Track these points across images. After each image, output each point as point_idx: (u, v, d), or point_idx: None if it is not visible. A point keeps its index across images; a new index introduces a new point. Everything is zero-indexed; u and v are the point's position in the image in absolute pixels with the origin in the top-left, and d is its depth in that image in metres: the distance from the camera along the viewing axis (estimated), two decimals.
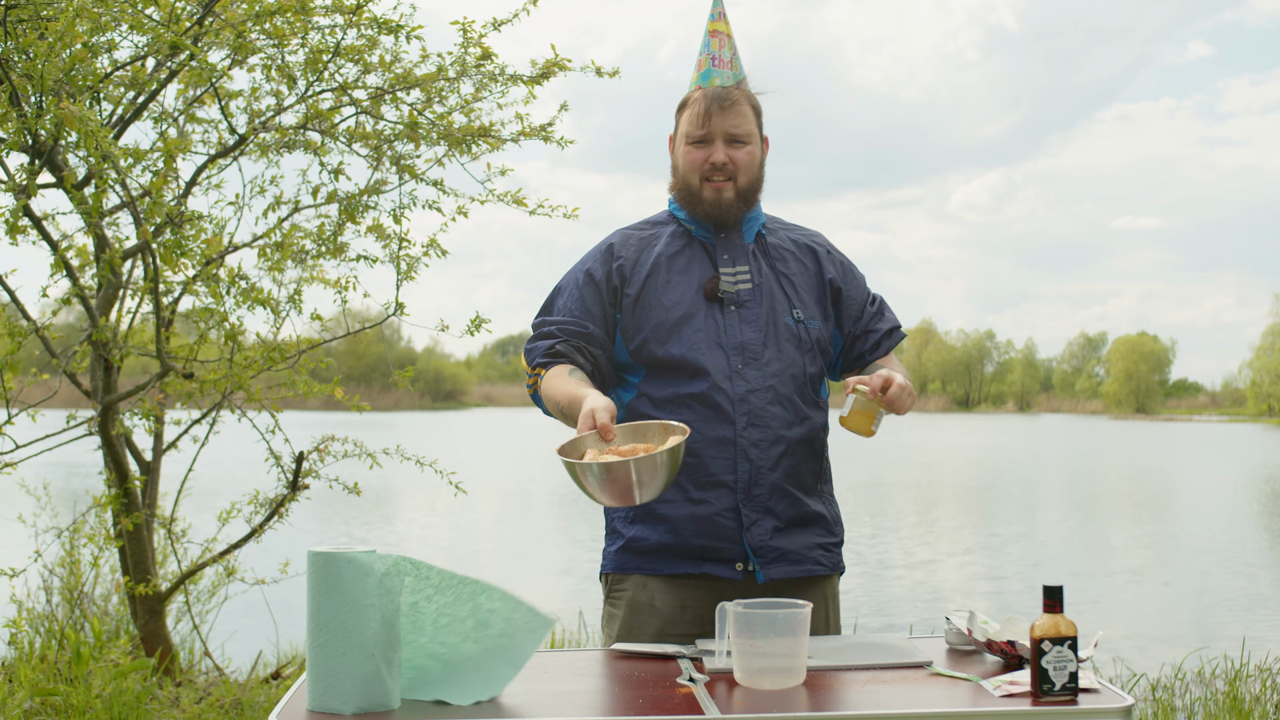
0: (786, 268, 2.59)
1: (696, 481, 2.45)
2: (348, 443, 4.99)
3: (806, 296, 2.58)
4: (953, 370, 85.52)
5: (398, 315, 4.82)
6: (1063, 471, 24.32)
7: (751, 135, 2.54)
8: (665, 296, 2.51)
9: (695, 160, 2.53)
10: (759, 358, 2.48)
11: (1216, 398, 75.67)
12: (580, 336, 2.51)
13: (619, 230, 2.64)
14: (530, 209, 4.80)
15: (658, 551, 2.48)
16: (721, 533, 2.45)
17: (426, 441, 29.88)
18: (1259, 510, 16.85)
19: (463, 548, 12.29)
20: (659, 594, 2.48)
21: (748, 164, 2.54)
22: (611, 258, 2.56)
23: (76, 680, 4.60)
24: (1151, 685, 5.38)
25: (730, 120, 2.51)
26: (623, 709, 1.87)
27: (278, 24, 4.27)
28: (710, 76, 2.56)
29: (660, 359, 2.48)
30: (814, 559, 2.52)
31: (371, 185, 4.79)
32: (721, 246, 2.56)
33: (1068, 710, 1.85)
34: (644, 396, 2.50)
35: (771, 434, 2.46)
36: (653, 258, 2.55)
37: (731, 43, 2.59)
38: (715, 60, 2.56)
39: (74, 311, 5.01)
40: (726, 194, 2.53)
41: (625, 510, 2.52)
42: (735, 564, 2.46)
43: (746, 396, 2.45)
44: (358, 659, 1.85)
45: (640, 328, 2.50)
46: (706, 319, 2.49)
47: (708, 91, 2.53)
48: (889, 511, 15.60)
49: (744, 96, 2.55)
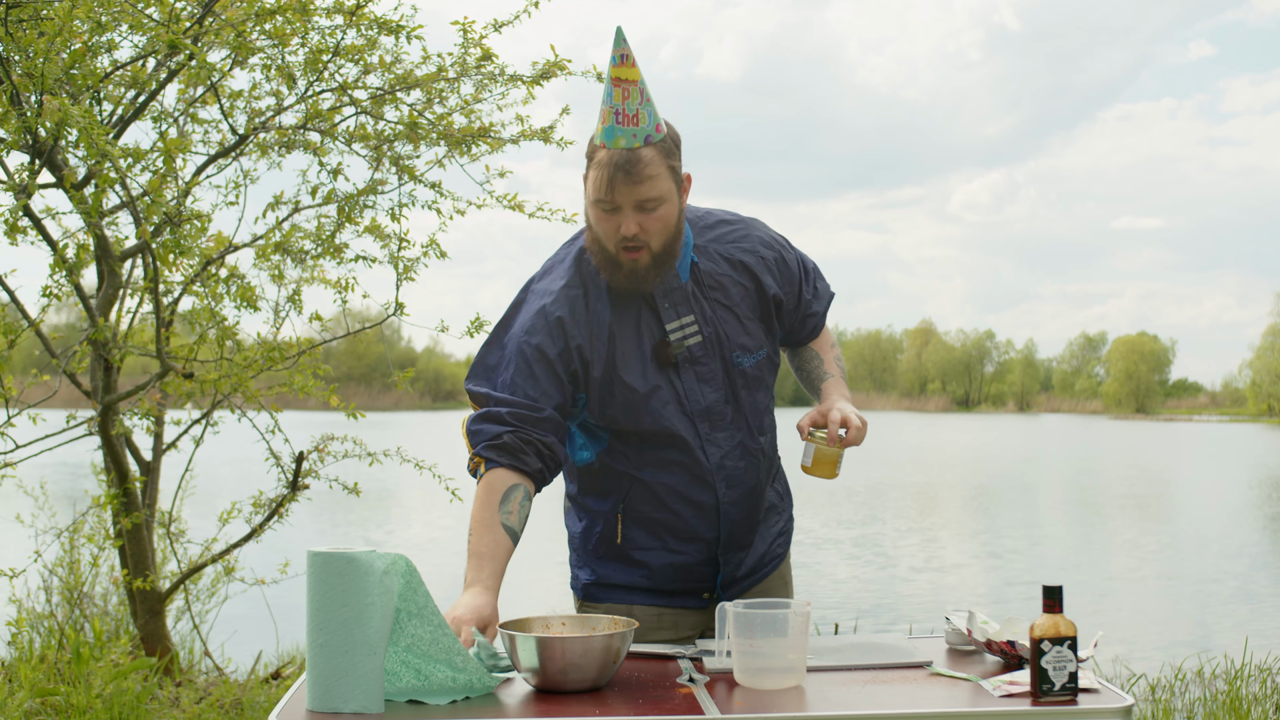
0: (727, 297, 2.45)
1: (678, 536, 2.47)
2: (347, 442, 4.99)
3: (751, 323, 2.47)
4: (953, 370, 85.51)
5: (398, 315, 4.83)
6: (1063, 471, 24.33)
7: (663, 197, 2.30)
8: (627, 375, 2.38)
9: (606, 229, 2.32)
10: (723, 417, 2.44)
11: (1216, 398, 75.66)
12: (532, 424, 2.30)
13: (558, 292, 2.39)
14: (529, 212, 4.81)
15: (629, 589, 2.52)
16: (697, 577, 2.51)
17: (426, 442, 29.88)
18: (1259, 510, 16.85)
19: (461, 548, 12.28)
20: (635, 609, 2.53)
21: (660, 229, 2.32)
22: (565, 335, 2.36)
23: (76, 680, 4.60)
24: (1151, 685, 5.38)
25: (638, 190, 2.27)
26: (623, 709, 1.87)
27: (278, 24, 4.28)
28: (614, 135, 2.27)
29: (631, 431, 2.42)
30: (774, 553, 2.61)
31: (370, 185, 4.79)
32: (660, 295, 2.39)
33: (1067, 710, 1.85)
34: (619, 454, 2.44)
35: (746, 488, 2.48)
36: (604, 329, 2.38)
37: (638, 89, 2.26)
38: (619, 115, 2.26)
39: (74, 311, 5.01)
40: (641, 262, 2.33)
41: (596, 545, 2.53)
42: (703, 594, 2.54)
43: (721, 463, 2.44)
44: (358, 658, 1.85)
45: (607, 405, 2.40)
46: (668, 388, 2.40)
47: (612, 157, 2.26)
48: (889, 512, 15.60)
49: (653, 153, 2.28)
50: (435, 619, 1.95)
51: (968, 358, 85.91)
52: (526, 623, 2.09)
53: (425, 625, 1.94)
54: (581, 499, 2.55)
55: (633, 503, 2.46)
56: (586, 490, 2.53)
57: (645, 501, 2.45)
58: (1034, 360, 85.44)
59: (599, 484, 2.50)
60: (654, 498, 2.44)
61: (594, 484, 2.51)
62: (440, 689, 1.95)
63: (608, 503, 2.49)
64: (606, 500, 2.49)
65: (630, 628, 2.03)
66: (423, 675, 1.95)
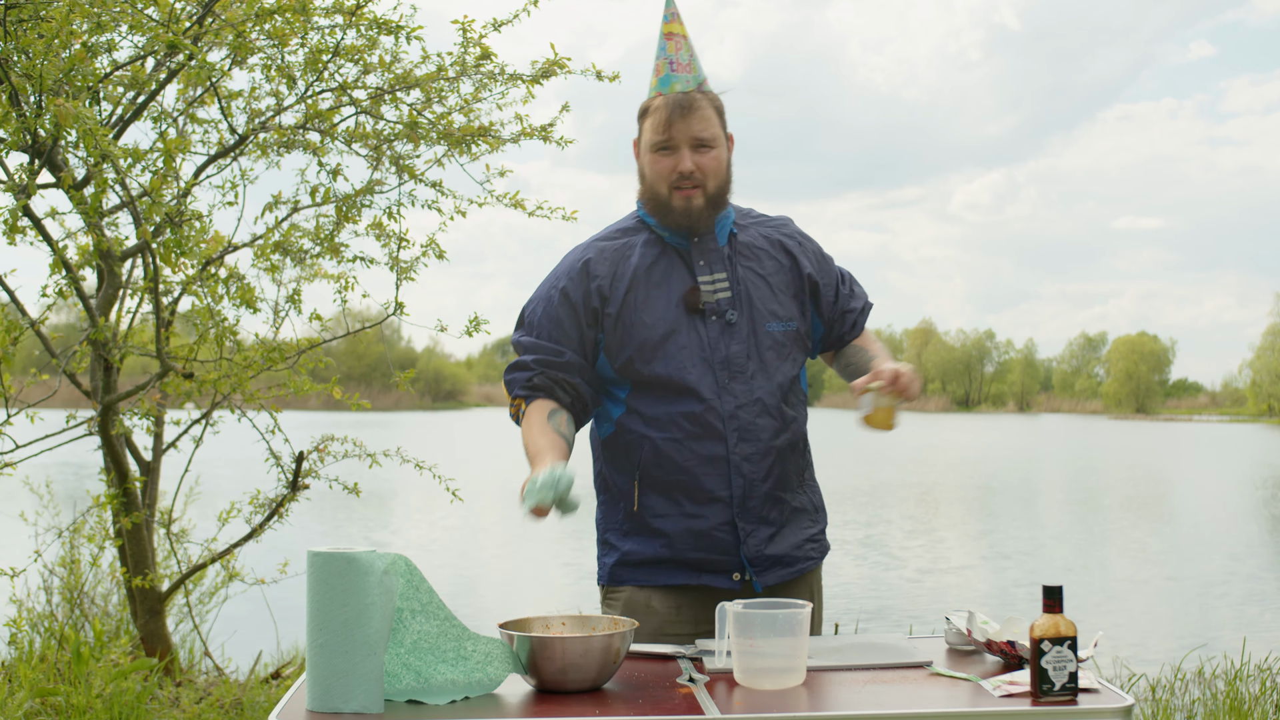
0: (761, 267, 2.56)
1: (692, 497, 2.47)
2: (347, 442, 4.99)
3: (783, 295, 2.56)
4: (953, 370, 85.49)
5: (397, 315, 4.83)
6: (1063, 471, 24.32)
7: (716, 138, 2.49)
8: (646, 314, 2.48)
9: (662, 169, 2.48)
10: (744, 371, 2.48)
11: (1216, 398, 75.63)
12: (556, 367, 2.48)
13: (591, 243, 2.58)
14: (529, 211, 4.81)
15: (653, 564, 2.50)
16: (718, 546, 2.48)
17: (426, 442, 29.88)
18: (1259, 510, 16.85)
19: (463, 548, 12.30)
20: (655, 597, 2.50)
21: (715, 168, 2.49)
22: (588, 276, 2.51)
23: (76, 680, 4.60)
24: (1151, 685, 5.38)
25: (694, 125, 2.46)
26: (623, 709, 1.87)
27: (277, 24, 4.27)
28: (670, 82, 2.49)
29: (646, 377, 2.47)
30: (805, 555, 2.58)
31: (368, 185, 4.79)
32: (697, 253, 2.52)
33: (1067, 710, 1.85)
34: (634, 414, 2.49)
35: (761, 446, 2.48)
36: (629, 272, 2.50)
37: (689, 44, 2.52)
38: (673, 64, 2.50)
39: (74, 311, 5.01)
40: (696, 201, 2.48)
41: (619, 522, 2.54)
42: (732, 574, 2.49)
43: (736, 412, 2.46)
44: (358, 658, 1.85)
45: (623, 346, 2.48)
46: (689, 333, 2.47)
47: (669, 98, 2.48)
48: (889, 511, 15.60)
49: (706, 99, 2.50)
50: (441, 613, 1.94)
51: (968, 358, 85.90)
52: (526, 623, 2.09)
53: (431, 620, 1.94)
54: (604, 477, 2.58)
55: (647, 468, 2.47)
56: (609, 465, 2.56)
57: (658, 465, 2.47)
58: (1034, 360, 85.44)
59: (618, 455, 2.53)
60: (665, 459, 2.46)
61: (615, 457, 2.54)
62: (440, 689, 1.95)
63: (626, 473, 2.51)
64: (625, 471, 2.51)
65: (630, 628, 2.03)
66: (423, 677, 1.95)
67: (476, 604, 9.20)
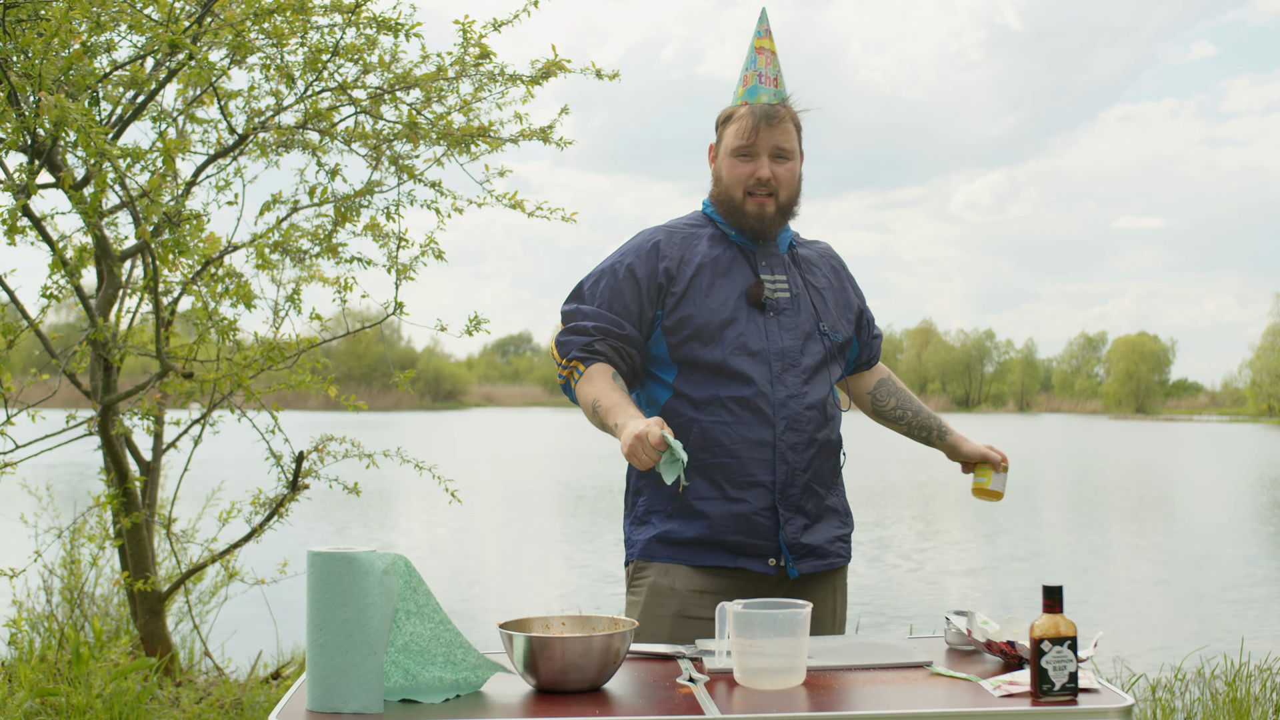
0: (816, 280, 2.70)
1: (735, 481, 2.52)
2: (346, 442, 4.99)
3: (834, 309, 2.70)
4: (952, 370, 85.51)
5: (397, 315, 4.83)
6: (1063, 471, 24.32)
7: (794, 151, 2.62)
8: (710, 299, 2.57)
9: (741, 174, 2.60)
10: (796, 364, 2.58)
11: (1216, 398, 75.65)
12: (617, 337, 2.56)
13: (660, 227, 2.67)
14: (528, 211, 4.81)
15: (692, 544, 2.54)
16: (758, 530, 2.53)
17: (426, 442, 29.88)
18: (1259, 510, 16.85)
19: (463, 548, 12.29)
20: (680, 578, 2.53)
21: (789, 180, 2.61)
22: (658, 256, 2.60)
23: (76, 680, 4.60)
24: (1151, 685, 5.38)
25: (777, 136, 2.58)
26: (623, 709, 1.87)
27: (276, 23, 4.27)
28: (757, 93, 2.62)
29: (701, 361, 2.55)
30: (835, 551, 2.64)
31: (367, 185, 4.79)
32: (760, 254, 2.64)
33: (1067, 710, 1.85)
34: (682, 397, 2.56)
35: (806, 437, 2.56)
36: (697, 258, 2.60)
37: (776, 60, 2.65)
38: (761, 77, 2.63)
39: (74, 311, 5.01)
40: (769, 209, 2.60)
41: (663, 504, 2.57)
42: (769, 559, 2.54)
43: (786, 401, 2.54)
44: (358, 658, 1.85)
45: (683, 327, 2.56)
46: (748, 324, 2.57)
47: (755, 107, 2.59)
48: (890, 511, 15.60)
49: (789, 114, 2.62)
50: (436, 615, 1.95)
51: (968, 358, 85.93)
52: (527, 623, 2.09)
53: (426, 623, 1.94)
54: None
55: (692, 450, 2.52)
56: None
57: (704, 448, 2.52)
58: (1034, 360, 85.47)
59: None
60: (712, 441, 2.52)
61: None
62: (429, 688, 1.95)
63: None
64: None
65: (630, 628, 2.03)
66: (411, 675, 1.95)
67: (477, 604, 9.20)
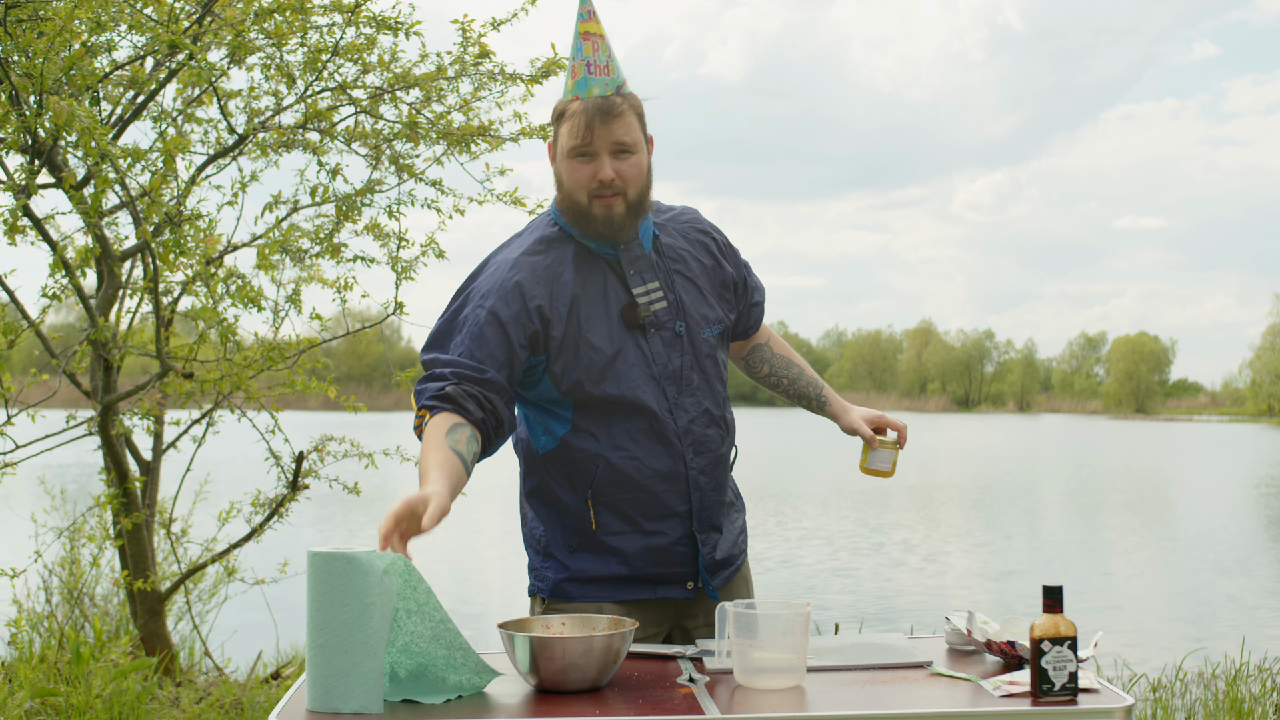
0: (688, 270, 2.51)
1: (649, 514, 2.42)
2: (345, 442, 4.99)
3: (711, 297, 2.53)
4: (952, 370, 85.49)
5: (398, 315, 4.83)
6: (1063, 471, 24.32)
7: (637, 143, 2.39)
8: (592, 335, 2.39)
9: (581, 177, 2.37)
10: (690, 383, 2.45)
11: (1216, 398, 75.61)
12: (475, 382, 2.30)
13: (518, 259, 2.42)
14: (529, 209, 4.81)
15: (608, 581, 2.45)
16: (676, 559, 2.46)
17: None
18: (1259, 510, 16.85)
19: (463, 548, 12.30)
20: (607, 607, 2.44)
21: (636, 175, 2.39)
22: (523, 297, 2.36)
23: (76, 680, 4.60)
24: (1151, 685, 5.38)
25: (615, 130, 2.36)
26: (623, 709, 1.87)
27: (277, 23, 4.27)
28: (587, 85, 2.37)
29: (596, 397, 2.39)
30: (740, 549, 2.59)
31: (367, 185, 4.79)
32: (626, 262, 2.44)
33: (1067, 710, 1.85)
34: (584, 432, 2.41)
35: (712, 456, 2.48)
36: (568, 293, 2.39)
37: (606, 44, 2.39)
38: (590, 66, 2.37)
39: (74, 311, 5.01)
40: (617, 209, 2.38)
41: (567, 538, 2.46)
42: (686, 584, 2.48)
43: (689, 427, 2.43)
44: (358, 658, 1.85)
45: (570, 370, 2.38)
46: (634, 351, 2.41)
47: (588, 103, 2.36)
48: (889, 512, 15.60)
49: (626, 102, 2.39)
50: (437, 615, 1.94)
51: (968, 358, 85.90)
52: (526, 623, 2.09)
53: (426, 622, 1.94)
54: (547, 491, 2.48)
55: (601, 486, 2.41)
56: (553, 480, 2.47)
57: (614, 484, 2.40)
58: (1034, 360, 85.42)
59: (565, 471, 2.44)
60: (622, 478, 2.40)
61: (560, 472, 2.45)
62: (430, 688, 1.95)
63: (576, 490, 2.43)
64: (575, 488, 2.43)
65: (630, 628, 2.03)
66: (411, 675, 1.95)
67: (477, 604, 9.20)
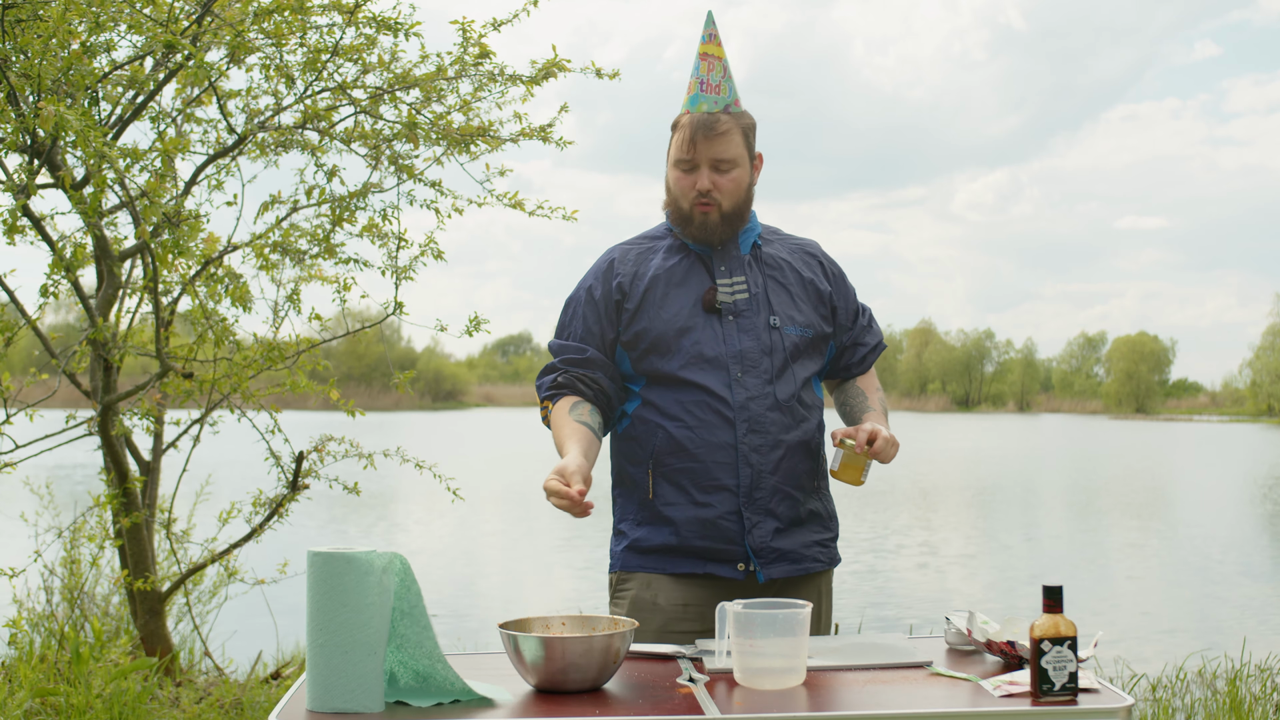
0: (783, 276, 2.67)
1: (700, 485, 2.52)
2: (344, 443, 4.99)
3: (803, 303, 2.66)
4: (952, 370, 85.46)
5: (397, 315, 4.83)
6: (1063, 471, 24.32)
7: (737, 160, 2.59)
8: (664, 310, 2.58)
9: (683, 185, 2.59)
10: (757, 365, 2.56)
11: (1216, 398, 75.58)
12: (579, 364, 2.59)
13: (618, 245, 2.71)
14: (529, 210, 4.81)
15: (661, 552, 2.55)
16: (724, 535, 2.52)
17: (426, 442, 29.86)
18: (1259, 510, 16.85)
19: (463, 548, 12.30)
20: (662, 592, 2.53)
21: (733, 189, 2.59)
22: (611, 274, 2.64)
23: (76, 680, 4.59)
24: (1151, 685, 5.38)
25: (715, 148, 2.56)
26: (623, 709, 1.87)
27: (276, 23, 4.27)
28: (698, 101, 2.60)
29: (661, 371, 2.56)
30: (812, 556, 2.61)
31: (364, 187, 4.79)
32: (718, 259, 2.63)
33: (1067, 710, 1.85)
34: (649, 405, 2.57)
35: (771, 439, 2.53)
36: (650, 271, 2.62)
37: (722, 65, 2.62)
38: (704, 85, 2.60)
39: (74, 311, 5.01)
40: (712, 218, 2.59)
41: (634, 511, 2.59)
42: (737, 564, 2.52)
43: (746, 404, 2.53)
44: (358, 658, 1.85)
45: (640, 341, 2.57)
46: (705, 330, 2.56)
47: (694, 118, 2.57)
48: (889, 511, 15.60)
49: (732, 120, 2.59)
50: (423, 620, 1.94)
51: (968, 358, 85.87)
52: (527, 623, 2.09)
53: (414, 625, 1.94)
54: (622, 470, 2.64)
55: (660, 456, 2.54)
56: (624, 457, 2.63)
57: (670, 453, 2.53)
58: (1034, 360, 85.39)
59: (633, 446, 2.60)
60: (678, 447, 2.52)
61: (629, 448, 2.61)
62: (428, 691, 1.95)
63: (641, 463, 2.58)
64: (640, 461, 2.58)
65: (630, 628, 2.03)
66: (410, 675, 1.95)
67: (477, 604, 9.21)
